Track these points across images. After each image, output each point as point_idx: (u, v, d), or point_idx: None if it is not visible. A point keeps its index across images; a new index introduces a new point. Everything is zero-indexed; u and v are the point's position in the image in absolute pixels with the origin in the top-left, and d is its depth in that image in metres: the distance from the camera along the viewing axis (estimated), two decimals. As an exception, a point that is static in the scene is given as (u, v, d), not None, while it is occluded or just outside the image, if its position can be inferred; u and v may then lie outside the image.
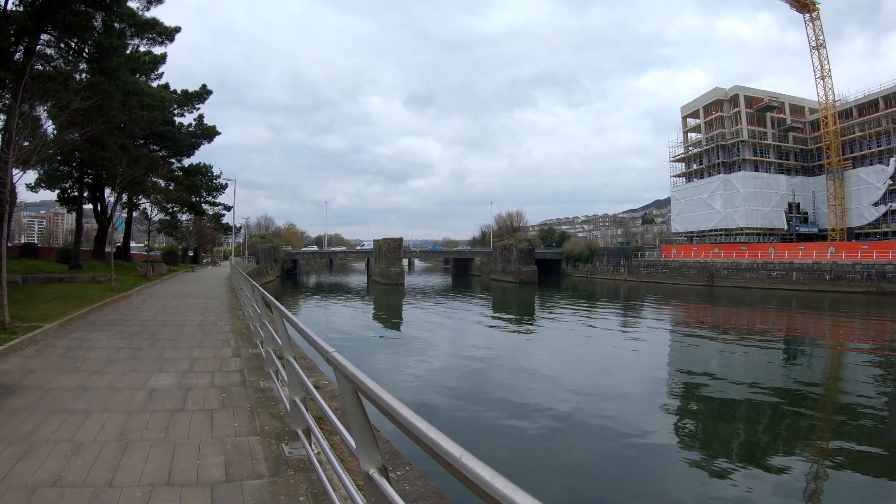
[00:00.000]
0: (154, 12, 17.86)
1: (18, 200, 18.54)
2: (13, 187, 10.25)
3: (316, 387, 3.29)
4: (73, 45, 15.87)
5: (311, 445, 3.36)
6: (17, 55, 15.48)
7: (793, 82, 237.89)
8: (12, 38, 13.62)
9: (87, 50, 15.65)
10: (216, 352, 7.37)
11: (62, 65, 17.51)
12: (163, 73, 29.35)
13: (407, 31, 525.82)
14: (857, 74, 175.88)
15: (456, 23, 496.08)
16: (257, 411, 4.57)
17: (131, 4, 15.39)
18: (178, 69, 58.16)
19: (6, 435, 3.91)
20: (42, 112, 11.96)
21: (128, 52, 19.03)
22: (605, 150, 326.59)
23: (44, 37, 14.84)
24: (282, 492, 3.03)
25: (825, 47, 56.26)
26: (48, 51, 16.63)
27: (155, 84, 28.33)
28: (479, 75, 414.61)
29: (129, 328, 9.64)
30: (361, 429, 1.73)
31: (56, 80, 12.10)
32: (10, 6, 15.20)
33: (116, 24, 15.90)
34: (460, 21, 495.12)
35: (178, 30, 18.87)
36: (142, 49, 23.24)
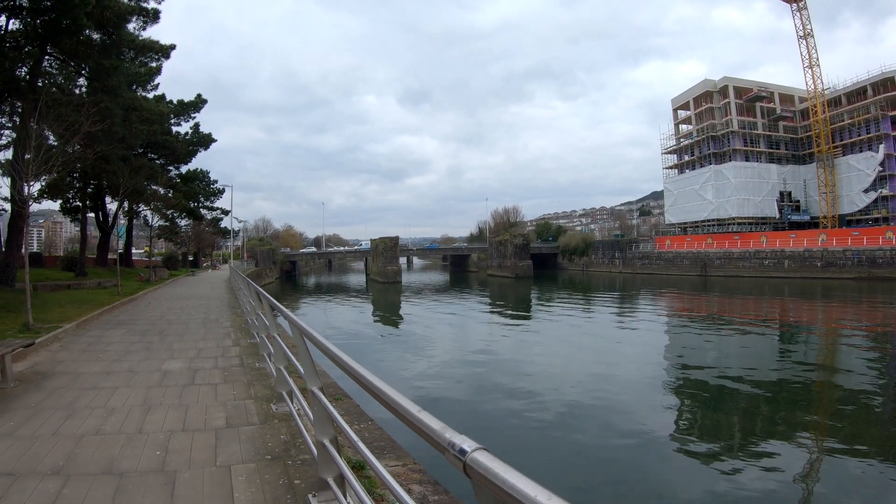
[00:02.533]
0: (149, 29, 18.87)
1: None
2: (28, 203, 11.21)
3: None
4: (72, 64, 16.80)
5: (292, 403, 4.33)
6: (19, 72, 16.43)
7: (789, 69, 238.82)
8: (18, 63, 14.55)
9: (86, 69, 16.57)
10: (218, 342, 8.40)
11: (62, 81, 18.51)
12: (158, 83, 30.32)
13: (399, 27, 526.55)
14: (852, 60, 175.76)
15: (448, 17, 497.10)
16: (252, 384, 5.58)
17: (129, 25, 16.35)
18: (170, 73, 59.41)
19: (52, 405, 4.90)
20: (47, 132, 12.81)
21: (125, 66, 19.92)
22: (602, 143, 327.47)
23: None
24: (268, 433, 4.03)
25: (813, 36, 57.03)
26: (49, 69, 17.58)
27: (151, 94, 29.29)
28: (473, 70, 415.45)
29: (140, 326, 10.66)
30: (305, 361, 2.71)
31: (67, 106, 13.02)
32: (10, 27, 16.20)
33: (114, 37, 16.73)
34: (452, 15, 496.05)
35: (173, 47, 19.80)
36: (137, 61, 24.16)
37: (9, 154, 18.41)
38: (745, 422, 10.46)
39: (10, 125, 20.44)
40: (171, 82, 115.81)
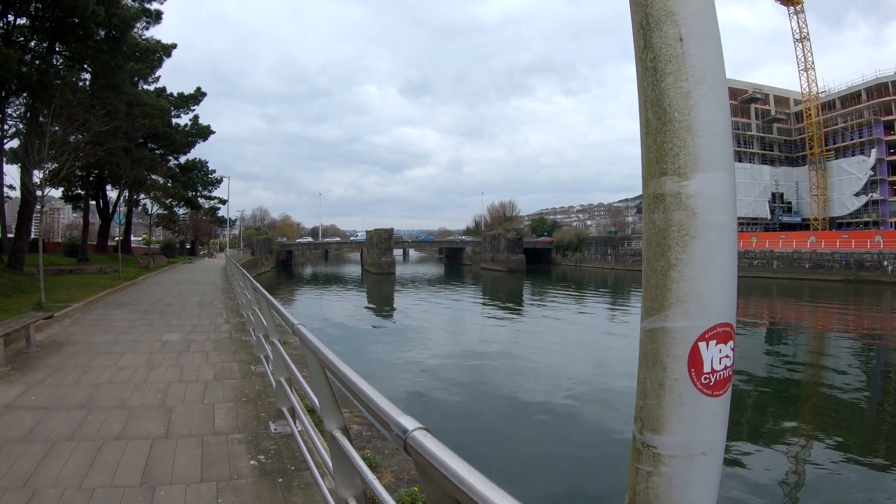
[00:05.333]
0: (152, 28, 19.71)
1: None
2: (40, 195, 12.18)
3: (283, 343, 5.26)
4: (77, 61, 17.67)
5: (268, 365, 5.36)
6: (26, 69, 17.31)
7: (794, 69, 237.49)
8: (28, 60, 15.48)
9: (90, 67, 17.43)
10: (212, 320, 9.47)
11: (65, 73, 19.34)
12: (159, 76, 31.16)
13: (401, 17, 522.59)
14: (858, 62, 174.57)
15: (451, 9, 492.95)
16: (238, 352, 6.65)
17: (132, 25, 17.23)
18: (170, 62, 58.89)
19: (71, 364, 5.94)
20: (55, 126, 13.66)
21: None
22: (603, 139, 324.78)
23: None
24: (246, 385, 5.09)
25: (809, 40, 57.75)
26: (56, 65, 18.43)
27: (152, 87, 30.17)
28: (475, 63, 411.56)
29: (141, 307, 11.70)
30: (269, 319, 3.72)
31: (77, 106, 13.93)
32: (17, 23, 17.03)
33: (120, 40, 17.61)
34: (456, 7, 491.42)
35: (174, 46, 20.69)
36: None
37: (16, 144, 19.36)
38: (736, 421, 10.35)
39: (17, 116, 21.33)
40: (171, 71, 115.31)
